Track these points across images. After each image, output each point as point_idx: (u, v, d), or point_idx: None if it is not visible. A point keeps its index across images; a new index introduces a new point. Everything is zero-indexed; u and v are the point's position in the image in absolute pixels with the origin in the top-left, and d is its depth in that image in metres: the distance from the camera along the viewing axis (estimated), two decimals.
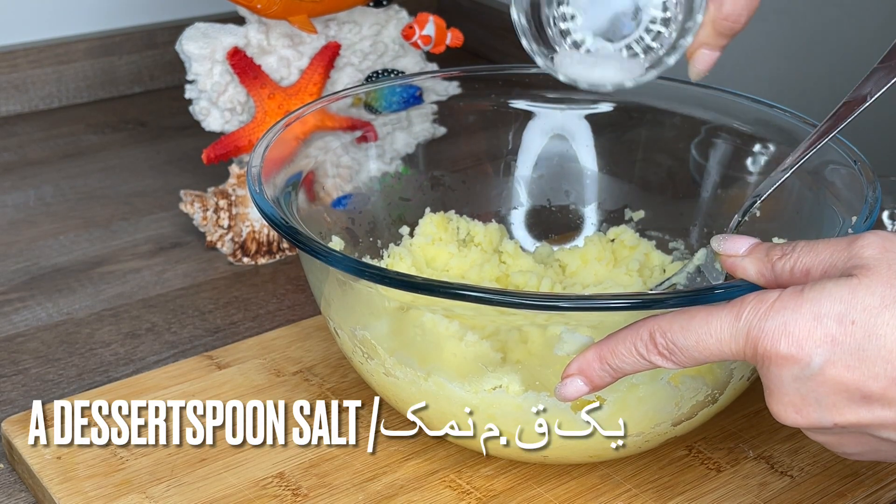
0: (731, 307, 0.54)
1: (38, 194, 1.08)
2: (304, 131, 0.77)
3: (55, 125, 1.23)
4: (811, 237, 0.70)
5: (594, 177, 0.86)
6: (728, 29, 0.68)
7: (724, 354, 0.55)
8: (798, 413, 0.54)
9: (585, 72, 0.72)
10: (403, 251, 0.81)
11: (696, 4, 0.69)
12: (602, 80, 0.72)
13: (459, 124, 0.85)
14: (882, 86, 0.64)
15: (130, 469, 0.69)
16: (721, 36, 0.69)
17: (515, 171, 0.86)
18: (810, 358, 0.52)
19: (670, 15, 0.71)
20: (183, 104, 0.99)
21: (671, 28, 0.71)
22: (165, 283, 0.93)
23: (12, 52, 1.23)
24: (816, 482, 0.69)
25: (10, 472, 0.73)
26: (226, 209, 0.95)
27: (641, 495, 0.68)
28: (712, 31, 0.68)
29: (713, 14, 0.68)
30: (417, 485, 0.69)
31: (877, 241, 0.54)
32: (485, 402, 0.65)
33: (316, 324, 0.83)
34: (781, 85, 1.19)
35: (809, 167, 0.71)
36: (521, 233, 0.86)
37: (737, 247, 0.59)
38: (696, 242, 0.82)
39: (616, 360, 0.58)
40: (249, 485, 0.68)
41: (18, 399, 0.79)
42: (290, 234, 0.64)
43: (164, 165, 1.14)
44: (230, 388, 0.76)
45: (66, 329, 0.86)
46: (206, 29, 0.95)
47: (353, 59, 1.00)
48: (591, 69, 0.72)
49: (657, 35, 0.71)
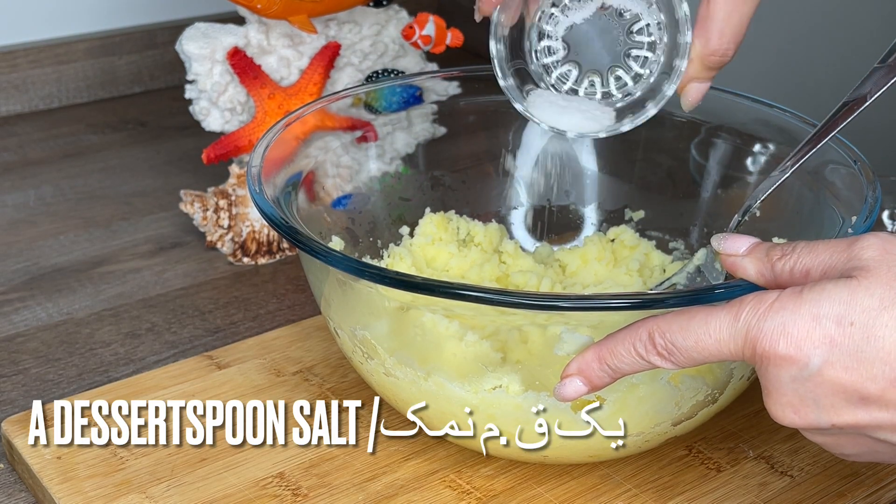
0: (730, 308, 0.54)
1: (38, 194, 1.08)
2: (304, 131, 0.77)
3: (55, 125, 1.23)
4: (811, 237, 0.70)
5: (594, 177, 0.86)
6: (716, 63, 0.69)
7: (723, 355, 0.55)
8: (796, 414, 0.54)
9: (553, 116, 0.73)
10: (403, 251, 0.81)
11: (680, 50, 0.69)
12: (568, 126, 0.73)
13: (459, 124, 0.85)
14: (882, 86, 0.64)
15: (130, 469, 0.69)
16: (709, 70, 0.69)
17: (515, 171, 0.86)
18: (808, 359, 0.52)
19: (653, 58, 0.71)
20: (183, 104, 0.99)
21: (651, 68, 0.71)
22: (165, 283, 0.93)
23: (12, 52, 1.23)
24: (816, 482, 0.69)
25: (10, 472, 0.73)
26: (226, 209, 0.95)
27: (641, 495, 0.68)
28: (700, 65, 0.69)
29: (700, 50, 0.68)
30: (417, 485, 0.69)
31: (877, 242, 0.54)
32: (485, 402, 0.65)
33: (316, 324, 0.83)
34: (781, 85, 1.19)
35: (809, 167, 0.71)
36: (521, 233, 0.86)
37: (737, 246, 0.59)
38: (696, 242, 0.82)
39: (615, 361, 0.58)
40: (249, 485, 0.68)
41: (18, 399, 0.79)
42: (290, 234, 0.64)
43: (164, 165, 1.14)
44: (230, 388, 0.76)
45: (66, 329, 0.87)
46: (206, 29, 0.95)
47: (353, 59, 1.00)
48: (560, 115, 0.73)
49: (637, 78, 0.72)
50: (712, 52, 0.68)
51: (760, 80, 1.19)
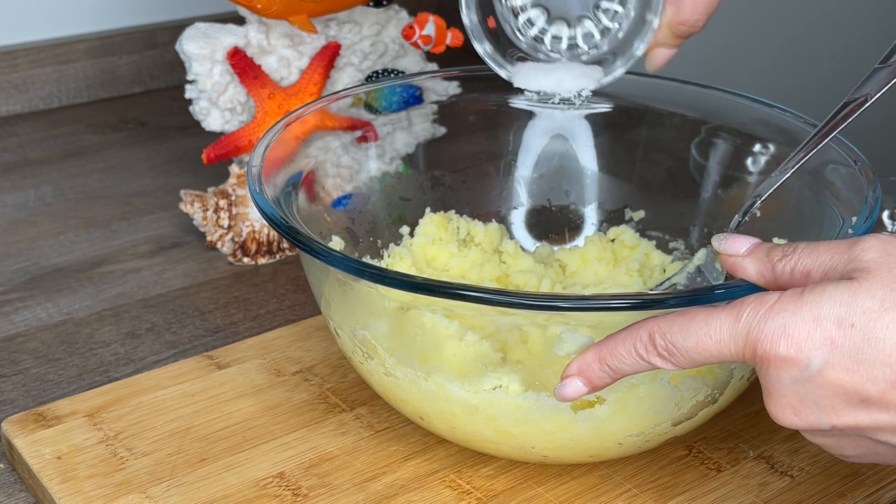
0: (731, 309, 0.54)
1: (38, 194, 1.08)
2: (304, 131, 0.77)
3: (55, 125, 1.23)
4: (811, 237, 0.70)
5: (594, 177, 0.86)
6: (685, 32, 0.69)
7: (724, 356, 0.55)
8: (796, 415, 0.54)
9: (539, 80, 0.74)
10: (404, 251, 0.81)
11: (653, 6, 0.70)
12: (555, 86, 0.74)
13: (459, 124, 0.85)
14: (882, 86, 0.64)
15: (130, 469, 0.69)
16: (677, 38, 0.69)
17: (515, 171, 0.86)
18: (809, 360, 0.52)
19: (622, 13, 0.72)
20: (183, 104, 0.99)
21: (620, 22, 0.72)
22: (165, 283, 0.93)
23: (12, 52, 1.23)
24: (816, 482, 0.69)
25: (10, 472, 0.73)
26: (226, 209, 0.95)
27: (641, 495, 0.68)
28: (669, 33, 0.69)
29: (670, 17, 0.68)
30: (417, 485, 0.69)
31: (878, 244, 0.54)
32: (485, 402, 0.65)
33: (316, 324, 0.83)
34: (782, 85, 1.19)
35: (810, 167, 0.71)
36: (521, 233, 0.86)
37: (737, 246, 0.59)
38: (697, 242, 0.82)
39: (615, 361, 0.58)
40: (249, 485, 0.68)
41: (18, 399, 0.79)
42: (290, 234, 0.64)
43: (164, 165, 1.14)
44: (230, 388, 0.76)
45: (66, 329, 0.86)
46: (206, 29, 0.95)
47: (353, 59, 1.00)
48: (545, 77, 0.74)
49: (605, 32, 0.72)
50: (682, 22, 0.68)
51: (761, 80, 1.19)
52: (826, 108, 0.68)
